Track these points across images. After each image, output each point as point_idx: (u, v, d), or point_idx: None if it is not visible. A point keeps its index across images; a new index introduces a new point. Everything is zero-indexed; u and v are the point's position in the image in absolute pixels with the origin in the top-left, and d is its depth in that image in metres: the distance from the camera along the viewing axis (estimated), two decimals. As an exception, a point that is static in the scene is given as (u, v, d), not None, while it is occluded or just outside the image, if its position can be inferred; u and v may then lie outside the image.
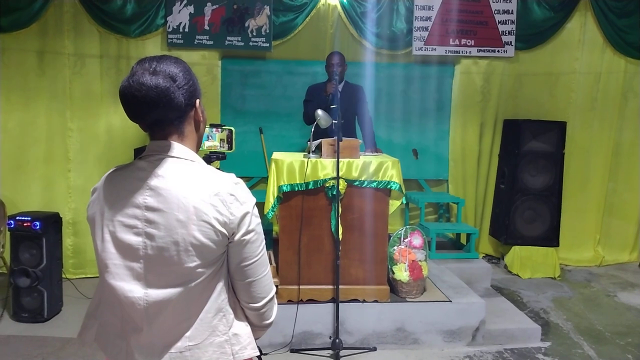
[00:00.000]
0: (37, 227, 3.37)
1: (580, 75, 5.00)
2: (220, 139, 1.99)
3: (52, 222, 3.52)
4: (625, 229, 5.16)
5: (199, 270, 1.14)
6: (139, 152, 4.22)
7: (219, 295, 1.20)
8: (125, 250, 1.14)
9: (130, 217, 1.14)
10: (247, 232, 1.18)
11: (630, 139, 5.07)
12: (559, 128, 4.78)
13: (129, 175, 1.17)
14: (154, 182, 1.14)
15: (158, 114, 1.16)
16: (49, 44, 4.38)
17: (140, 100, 1.12)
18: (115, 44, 4.51)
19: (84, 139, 4.48)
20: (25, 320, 3.41)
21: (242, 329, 1.24)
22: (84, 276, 4.41)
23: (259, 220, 1.21)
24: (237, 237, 1.16)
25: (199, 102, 1.24)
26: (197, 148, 1.27)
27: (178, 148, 1.19)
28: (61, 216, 3.67)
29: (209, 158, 2.40)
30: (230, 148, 2.00)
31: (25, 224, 3.37)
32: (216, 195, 1.14)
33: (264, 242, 1.24)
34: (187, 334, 1.17)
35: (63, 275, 4.20)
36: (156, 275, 1.13)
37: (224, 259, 1.19)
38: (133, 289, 1.13)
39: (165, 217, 1.12)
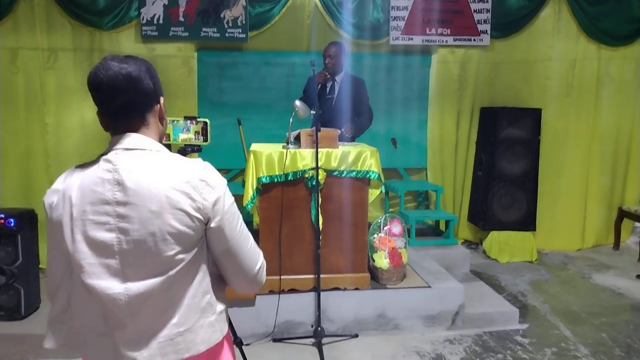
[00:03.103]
0: (12, 224, 3.31)
1: (555, 63, 5.08)
2: (195, 132, 1.98)
3: (28, 219, 3.45)
4: (600, 213, 5.27)
5: (179, 257, 1.15)
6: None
7: (203, 278, 1.21)
8: (99, 248, 1.13)
9: (100, 214, 1.13)
10: (223, 216, 1.19)
11: (607, 124, 5.16)
12: (535, 115, 4.86)
13: (94, 172, 1.15)
14: (121, 176, 1.13)
15: (126, 98, 1.17)
16: (22, 40, 4.31)
17: (108, 83, 1.13)
18: (88, 37, 4.44)
19: (61, 133, 4.43)
20: (2, 318, 3.35)
21: (222, 305, 1.28)
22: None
23: (232, 199, 1.23)
24: (213, 223, 1.17)
25: (163, 100, 1.27)
26: (160, 142, 1.27)
27: (141, 139, 1.19)
28: (36, 212, 3.60)
29: (184, 151, 2.39)
30: (205, 140, 2.00)
31: (-1, 221, 3.30)
32: (187, 182, 1.15)
33: (240, 216, 1.26)
34: (174, 320, 1.18)
35: (44, 267, 4.18)
36: (134, 269, 1.13)
37: (202, 241, 1.20)
38: (112, 286, 1.13)
39: (137, 210, 1.12)
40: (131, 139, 1.18)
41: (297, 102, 3.25)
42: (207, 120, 1.96)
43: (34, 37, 4.32)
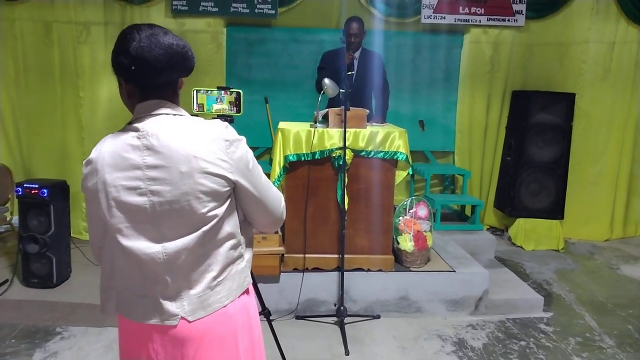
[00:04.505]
0: (45, 195, 3.39)
1: (592, 45, 4.90)
2: (229, 102, 1.95)
3: (60, 190, 3.53)
4: (631, 203, 5.14)
5: (211, 213, 1.19)
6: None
7: (234, 229, 1.27)
8: (134, 212, 1.17)
9: (131, 179, 1.16)
10: (248, 170, 1.25)
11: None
12: (568, 100, 4.72)
13: (124, 140, 1.19)
14: (150, 141, 1.17)
15: (175, 75, 1.22)
16: (56, 13, 4.38)
17: (162, 59, 1.16)
18: (119, 11, 4.47)
19: (94, 107, 4.51)
20: (35, 285, 3.46)
21: (250, 252, 1.35)
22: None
23: (251, 152, 1.28)
24: (240, 178, 1.23)
25: None
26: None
27: (167, 105, 1.23)
28: (68, 184, 3.68)
29: None
30: (238, 111, 1.97)
31: (33, 191, 3.39)
32: (212, 142, 1.19)
33: (260, 166, 1.30)
34: (212, 272, 1.23)
35: (75, 236, 4.33)
36: (170, 228, 1.18)
37: (232, 195, 1.25)
38: (150, 246, 1.18)
39: (168, 172, 1.16)
40: (157, 106, 1.22)
41: (327, 81, 3.20)
42: (240, 91, 1.94)
43: (67, 11, 4.39)
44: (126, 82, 1.23)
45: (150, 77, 1.19)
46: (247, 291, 1.34)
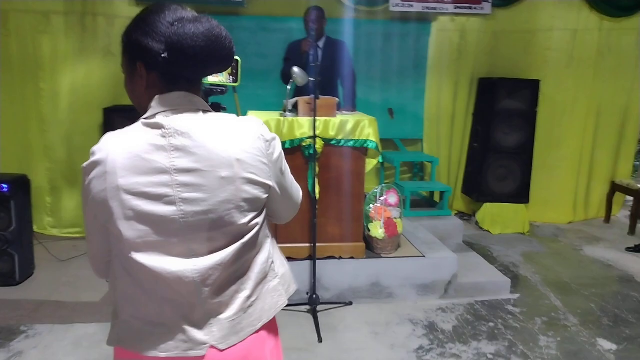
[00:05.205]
0: (5, 190, 3.27)
1: (556, 33, 5.00)
2: (227, 72, 1.85)
3: (21, 184, 3.42)
4: (593, 186, 5.30)
5: (253, 222, 1.05)
6: (108, 113, 4.11)
7: (269, 238, 1.14)
8: (158, 224, 0.98)
9: (156, 186, 0.97)
10: (284, 170, 1.13)
11: (604, 97, 5.12)
12: (533, 86, 4.82)
13: (143, 139, 0.99)
14: (179, 140, 0.98)
15: (222, 68, 1.06)
16: (13, 2, 4.17)
17: (201, 49, 0.99)
18: (79, 0, 4.29)
19: (55, 99, 4.34)
20: (-2, 283, 3.36)
21: (283, 265, 1.20)
22: (59, 234, 4.42)
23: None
24: (276, 186, 1.10)
25: None
26: None
27: (195, 99, 1.06)
28: (29, 178, 3.56)
29: (211, 92, 2.18)
30: (235, 80, 1.87)
31: (-8, 186, 3.27)
32: (253, 143, 1.04)
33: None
34: (246, 292, 1.07)
35: (39, 232, 4.19)
36: (202, 242, 1.01)
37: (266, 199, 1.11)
38: (177, 263, 1.00)
39: (205, 177, 0.98)
40: (184, 99, 1.03)
41: (296, 69, 3.18)
42: (238, 58, 1.82)
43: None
44: (149, 70, 1.03)
45: (184, 68, 1.01)
46: None
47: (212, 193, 0.99)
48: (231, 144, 1.01)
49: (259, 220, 1.08)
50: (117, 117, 3.97)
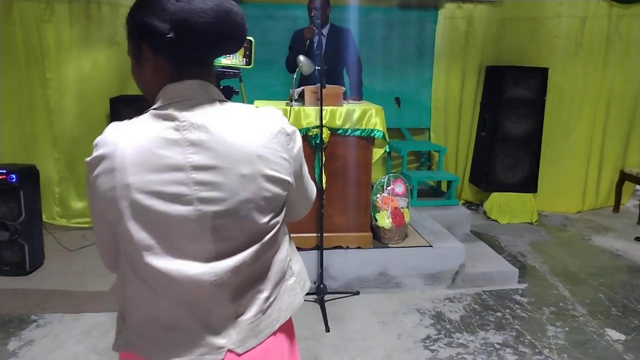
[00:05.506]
0: (14, 180, 3.29)
1: (565, 20, 4.93)
2: (240, 54, 1.80)
3: (29, 174, 3.43)
4: (602, 175, 5.26)
5: (273, 221, 1.00)
6: (115, 102, 4.10)
7: (285, 236, 1.09)
8: (172, 225, 0.92)
9: (170, 184, 0.90)
10: (303, 165, 1.07)
11: (613, 85, 5.05)
12: (541, 74, 4.76)
13: (154, 132, 0.91)
14: (195, 134, 0.91)
15: (234, 47, 1.00)
16: None
17: (212, 26, 0.91)
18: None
19: (62, 88, 4.34)
20: (7, 273, 3.38)
21: (299, 262, 1.16)
22: (68, 224, 4.44)
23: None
24: (294, 183, 1.04)
25: None
26: None
27: (209, 88, 0.98)
28: (37, 168, 3.57)
29: (223, 74, 2.11)
30: (248, 62, 1.82)
31: (1, 177, 3.28)
32: (275, 137, 0.97)
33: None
34: (265, 292, 1.02)
35: (48, 222, 4.24)
36: (221, 243, 0.95)
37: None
38: (193, 266, 0.94)
39: (225, 175, 0.92)
40: (198, 88, 0.96)
41: (302, 58, 3.16)
42: (251, 39, 1.77)
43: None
44: (155, 53, 0.94)
45: (193, 48, 0.93)
46: None
47: (232, 192, 0.92)
48: (251, 139, 0.93)
49: (279, 218, 1.02)
50: (123, 107, 3.97)
